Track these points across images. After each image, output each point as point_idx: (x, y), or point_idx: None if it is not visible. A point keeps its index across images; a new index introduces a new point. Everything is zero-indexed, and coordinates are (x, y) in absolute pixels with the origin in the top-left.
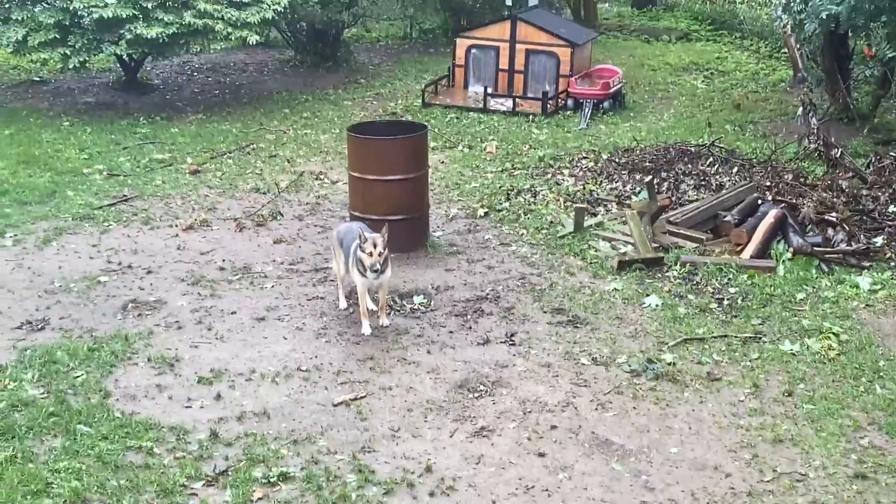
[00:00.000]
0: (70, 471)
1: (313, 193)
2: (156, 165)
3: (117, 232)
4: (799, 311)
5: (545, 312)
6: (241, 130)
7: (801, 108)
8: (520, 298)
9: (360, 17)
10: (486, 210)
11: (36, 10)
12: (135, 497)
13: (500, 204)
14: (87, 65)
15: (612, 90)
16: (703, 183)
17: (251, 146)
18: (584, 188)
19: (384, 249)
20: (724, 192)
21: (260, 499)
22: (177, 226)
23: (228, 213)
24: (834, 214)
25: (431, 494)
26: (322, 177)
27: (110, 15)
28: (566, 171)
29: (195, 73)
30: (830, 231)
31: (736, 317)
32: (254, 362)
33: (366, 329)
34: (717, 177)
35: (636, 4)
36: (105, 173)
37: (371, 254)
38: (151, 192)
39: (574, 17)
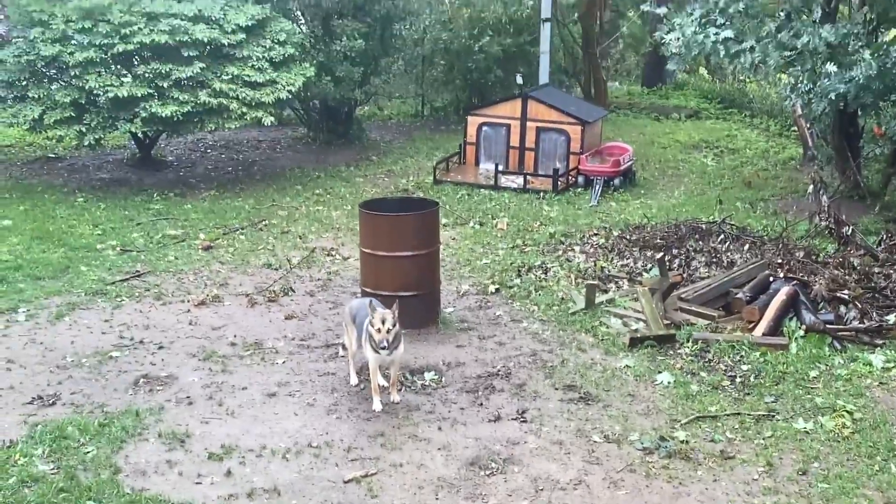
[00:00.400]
0: None
1: (325, 269)
2: (169, 241)
3: (130, 307)
4: (812, 388)
5: (557, 389)
6: (254, 207)
7: (811, 186)
8: (531, 375)
9: (372, 94)
10: (497, 286)
11: (52, 88)
12: None
13: (512, 280)
14: (102, 142)
15: (622, 167)
16: (714, 260)
17: (263, 222)
18: (596, 265)
19: (394, 325)
20: (735, 269)
21: None
22: (189, 301)
23: (240, 288)
24: (846, 292)
25: None
26: (334, 253)
27: (125, 94)
28: (577, 248)
29: (209, 150)
30: (843, 308)
31: (749, 394)
32: (264, 438)
33: (377, 405)
34: (729, 254)
35: (646, 83)
36: (118, 249)
37: (380, 330)
38: (164, 267)
39: (584, 95)
